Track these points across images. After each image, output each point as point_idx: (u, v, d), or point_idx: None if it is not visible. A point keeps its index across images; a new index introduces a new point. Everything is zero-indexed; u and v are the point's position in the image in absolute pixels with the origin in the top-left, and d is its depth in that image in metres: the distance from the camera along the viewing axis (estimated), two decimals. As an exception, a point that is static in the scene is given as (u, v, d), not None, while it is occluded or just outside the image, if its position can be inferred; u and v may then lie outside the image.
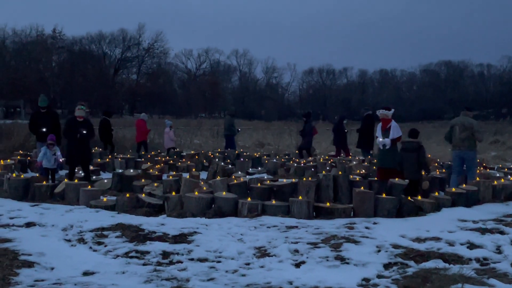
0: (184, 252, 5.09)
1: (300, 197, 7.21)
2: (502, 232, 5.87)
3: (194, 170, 11.29)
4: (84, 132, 8.96)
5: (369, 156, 12.91)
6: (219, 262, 4.86)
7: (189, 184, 7.86)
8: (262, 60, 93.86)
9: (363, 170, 10.54)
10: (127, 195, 7.48)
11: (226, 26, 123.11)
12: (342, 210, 6.93)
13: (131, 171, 9.97)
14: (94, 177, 9.82)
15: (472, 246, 5.30)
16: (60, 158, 9.40)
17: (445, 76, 77.30)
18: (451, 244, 5.35)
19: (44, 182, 8.43)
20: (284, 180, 8.79)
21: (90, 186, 8.04)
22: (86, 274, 4.47)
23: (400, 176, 8.35)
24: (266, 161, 13.20)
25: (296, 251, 5.09)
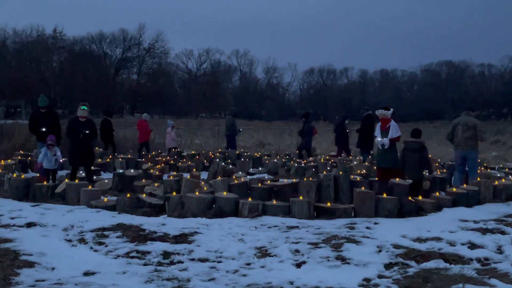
0: (185, 252, 5.10)
1: (300, 197, 7.21)
2: (503, 232, 5.86)
3: (194, 170, 11.29)
4: (86, 132, 8.94)
5: (369, 157, 12.89)
6: (220, 262, 4.86)
7: (189, 184, 7.86)
8: (263, 60, 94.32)
9: (364, 170, 10.53)
10: (128, 195, 7.49)
11: (227, 26, 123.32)
12: (343, 210, 6.93)
13: (132, 171, 9.97)
14: (94, 177, 9.82)
15: (473, 246, 5.29)
16: (61, 159, 9.40)
17: (446, 76, 77.24)
18: (452, 244, 5.35)
19: (44, 182, 8.44)
20: (285, 180, 8.79)
21: (90, 186, 8.05)
22: (87, 274, 4.47)
23: (399, 175, 8.34)
24: (267, 161, 13.19)
25: (297, 251, 5.09)
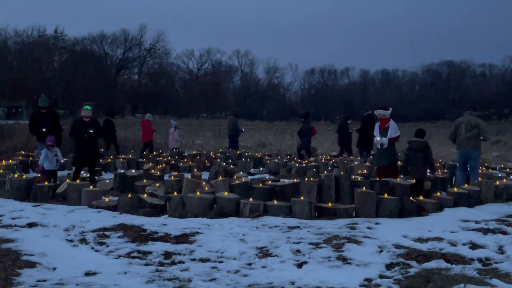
0: (186, 252, 5.10)
1: (302, 197, 7.21)
2: (504, 232, 5.87)
3: (196, 170, 11.29)
4: (91, 132, 8.96)
5: (370, 157, 12.88)
6: (221, 262, 4.86)
7: (191, 184, 7.87)
8: (264, 60, 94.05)
9: (365, 171, 10.53)
10: (129, 196, 7.50)
11: (228, 26, 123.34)
12: (344, 210, 6.93)
13: (133, 171, 9.99)
14: (95, 177, 9.83)
15: (474, 246, 5.29)
16: (61, 159, 9.42)
17: (447, 76, 77.17)
18: (453, 244, 5.35)
19: (46, 183, 8.45)
20: (286, 180, 8.79)
21: (92, 187, 8.06)
22: (88, 274, 4.48)
23: (396, 174, 8.39)
24: (268, 161, 13.20)
25: (298, 251, 5.09)
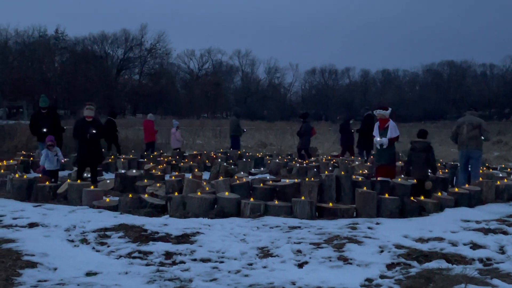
0: (187, 252, 5.10)
1: (302, 197, 7.21)
2: (505, 232, 5.87)
3: (196, 170, 11.29)
4: (93, 132, 8.97)
5: (371, 157, 12.87)
6: (222, 262, 4.86)
7: (191, 184, 7.88)
8: (265, 60, 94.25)
9: (366, 171, 10.53)
10: (130, 196, 7.50)
11: (228, 26, 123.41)
12: (344, 210, 6.93)
13: (134, 171, 9.99)
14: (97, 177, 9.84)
15: (475, 246, 5.29)
16: (62, 158, 9.42)
17: (447, 76, 77.12)
18: (454, 244, 5.35)
19: (47, 183, 8.45)
20: (287, 180, 8.80)
21: (93, 187, 8.06)
22: (89, 274, 4.48)
23: (394, 171, 8.44)
24: (269, 161, 13.19)
25: (299, 251, 5.09)
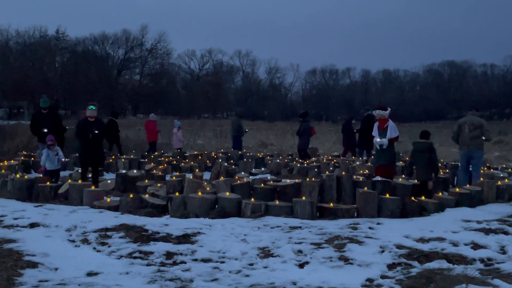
0: (188, 252, 5.10)
1: (303, 197, 7.21)
2: (506, 233, 5.86)
3: (197, 170, 11.29)
4: (96, 132, 8.97)
5: (372, 157, 12.86)
6: (223, 262, 4.86)
7: (192, 184, 7.87)
8: (265, 60, 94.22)
9: (367, 171, 10.52)
10: (131, 196, 7.51)
11: (229, 26, 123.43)
12: (345, 210, 6.93)
13: (135, 171, 10.00)
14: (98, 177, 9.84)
15: (476, 246, 5.29)
16: (63, 158, 9.43)
17: (448, 76, 77.08)
18: (455, 244, 5.34)
19: (47, 183, 8.46)
20: (288, 180, 8.79)
21: (93, 187, 8.07)
22: (90, 274, 4.48)
23: (393, 171, 8.45)
24: (269, 161, 13.19)
25: (300, 251, 5.09)
